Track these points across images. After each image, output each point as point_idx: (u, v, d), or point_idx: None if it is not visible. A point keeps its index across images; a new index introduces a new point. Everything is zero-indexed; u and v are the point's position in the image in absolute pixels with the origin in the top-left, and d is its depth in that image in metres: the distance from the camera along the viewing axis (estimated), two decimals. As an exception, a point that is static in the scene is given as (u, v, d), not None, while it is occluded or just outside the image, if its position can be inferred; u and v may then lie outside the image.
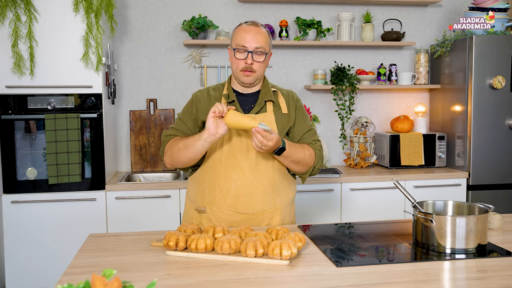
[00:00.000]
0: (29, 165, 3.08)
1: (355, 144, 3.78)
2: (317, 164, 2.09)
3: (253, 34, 1.98)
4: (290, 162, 2.00)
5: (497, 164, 3.54)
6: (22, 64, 2.98)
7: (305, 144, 2.07)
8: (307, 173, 2.10)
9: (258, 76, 2.02)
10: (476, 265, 1.58)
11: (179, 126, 2.10)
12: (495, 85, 3.47)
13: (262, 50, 1.98)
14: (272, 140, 1.84)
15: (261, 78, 2.07)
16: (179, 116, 2.13)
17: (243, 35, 1.99)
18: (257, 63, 1.99)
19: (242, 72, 1.99)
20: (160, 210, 3.16)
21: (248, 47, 1.97)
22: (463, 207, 1.88)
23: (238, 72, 2.01)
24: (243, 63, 1.98)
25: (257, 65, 1.99)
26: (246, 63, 1.97)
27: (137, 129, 3.65)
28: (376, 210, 3.38)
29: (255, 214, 2.02)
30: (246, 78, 2.00)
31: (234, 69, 2.03)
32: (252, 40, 1.97)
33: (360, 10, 3.91)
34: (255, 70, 1.99)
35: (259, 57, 1.99)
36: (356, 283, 1.42)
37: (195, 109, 2.09)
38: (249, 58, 1.97)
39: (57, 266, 3.04)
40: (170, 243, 1.65)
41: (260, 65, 2.00)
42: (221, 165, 2.01)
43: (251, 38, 1.97)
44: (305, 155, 2.01)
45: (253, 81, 2.02)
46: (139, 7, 3.67)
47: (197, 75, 3.75)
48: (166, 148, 2.07)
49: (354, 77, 3.76)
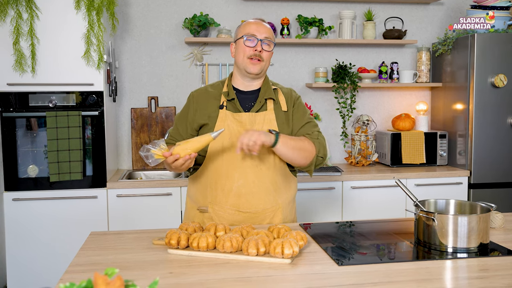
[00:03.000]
0: (30, 162, 3.08)
1: (357, 142, 3.78)
2: (319, 152, 2.04)
3: (262, 26, 2.06)
4: (291, 151, 1.95)
5: (499, 163, 3.54)
6: (23, 61, 2.98)
7: (300, 136, 2.06)
8: (312, 165, 2.04)
9: (264, 67, 2.05)
10: (478, 264, 1.58)
11: (174, 133, 2.13)
12: (497, 83, 3.46)
13: (270, 39, 2.04)
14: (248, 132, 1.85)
15: (265, 71, 2.08)
16: (175, 120, 2.16)
17: (252, 25, 2.05)
18: (266, 52, 2.03)
19: (249, 60, 2.01)
20: (161, 208, 3.16)
21: (258, 35, 2.02)
22: (465, 206, 1.88)
23: (246, 60, 2.01)
24: (252, 51, 2.01)
25: (266, 54, 2.03)
26: (255, 51, 2.00)
27: (138, 126, 3.65)
28: (377, 209, 3.38)
29: (257, 213, 2.02)
30: (253, 67, 2.01)
31: (241, 59, 2.03)
32: (262, 30, 2.04)
33: (362, 8, 3.90)
34: (263, 59, 2.02)
35: (268, 47, 2.04)
36: (358, 282, 1.42)
37: (193, 111, 2.08)
38: (259, 45, 2.01)
39: (58, 264, 3.04)
40: (172, 242, 1.65)
41: (268, 55, 2.04)
42: (222, 164, 2.01)
43: (261, 28, 2.04)
44: (303, 142, 2.01)
45: (259, 71, 2.02)
46: (141, 5, 3.66)
47: (198, 73, 3.75)
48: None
49: (355, 75, 3.75)
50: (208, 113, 2.05)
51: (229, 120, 2.01)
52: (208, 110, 2.05)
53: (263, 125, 2.02)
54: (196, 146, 1.87)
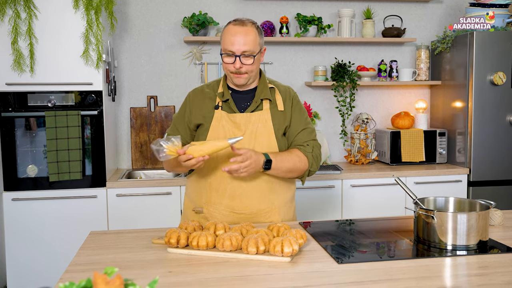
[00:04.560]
0: (29, 162, 3.08)
1: (356, 141, 3.78)
2: (312, 167, 2.06)
3: (240, 36, 1.92)
4: (283, 173, 1.99)
5: (498, 160, 3.54)
6: (22, 61, 2.98)
7: (294, 150, 2.04)
8: (304, 177, 2.09)
9: (250, 77, 2.00)
10: (477, 261, 1.58)
11: (173, 132, 2.11)
12: (496, 81, 3.46)
13: (249, 52, 1.93)
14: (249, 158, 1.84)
15: (255, 76, 2.03)
16: (174, 119, 2.15)
17: (230, 38, 1.93)
18: (246, 66, 1.95)
19: (233, 74, 1.98)
20: (161, 207, 3.16)
21: (235, 51, 1.92)
22: (464, 203, 1.88)
23: (229, 74, 1.99)
24: (232, 67, 1.95)
25: (246, 68, 1.95)
26: (234, 67, 1.94)
27: (137, 126, 3.65)
28: (377, 207, 3.38)
29: (252, 214, 2.02)
30: (237, 80, 1.98)
31: (226, 71, 2.01)
32: (239, 43, 1.91)
33: (361, 6, 3.90)
34: (246, 72, 1.96)
35: (247, 60, 1.94)
36: (358, 280, 1.42)
37: (189, 111, 2.08)
38: (237, 62, 1.93)
39: (58, 264, 3.04)
40: (172, 241, 1.65)
41: (249, 67, 1.95)
42: (216, 165, 2.00)
43: (238, 41, 1.91)
44: (295, 163, 1.99)
45: (245, 82, 2.00)
46: (139, 4, 3.66)
47: (198, 72, 3.75)
48: None
49: (354, 74, 3.75)
50: (203, 114, 2.04)
51: (224, 120, 2.00)
52: (203, 111, 2.04)
53: (258, 125, 2.00)
54: (211, 149, 1.84)
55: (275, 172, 1.97)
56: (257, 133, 2.00)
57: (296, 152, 2.03)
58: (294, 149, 2.04)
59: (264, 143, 2.00)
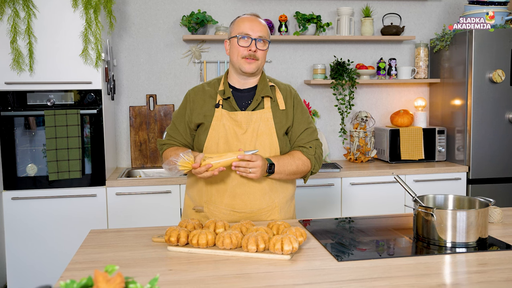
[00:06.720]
0: (29, 161, 3.08)
1: (355, 139, 3.78)
2: (314, 169, 2.10)
3: (256, 23, 2.01)
4: (286, 176, 2.02)
5: (497, 158, 3.55)
6: (21, 60, 2.98)
7: (296, 152, 2.05)
8: (306, 177, 2.13)
9: (260, 66, 2.02)
10: (476, 258, 1.58)
11: (173, 132, 2.11)
12: (495, 79, 3.47)
13: (265, 38, 2.00)
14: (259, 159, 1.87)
15: (261, 69, 2.06)
16: (173, 118, 2.14)
17: (246, 23, 2.00)
18: (260, 51, 2.00)
19: (244, 60, 1.98)
20: (160, 205, 3.16)
21: (252, 34, 1.98)
22: (464, 201, 1.89)
23: (240, 60, 1.99)
24: (247, 51, 1.98)
25: (260, 53, 2.00)
26: (249, 50, 1.98)
27: (137, 125, 3.65)
28: (376, 205, 3.39)
29: (253, 213, 2.02)
30: (248, 66, 1.99)
31: (235, 58, 2.01)
32: (256, 28, 1.99)
33: (360, 5, 3.90)
34: (258, 58, 2.00)
35: (262, 45, 2.01)
36: (357, 277, 1.42)
37: (189, 111, 2.08)
38: (253, 45, 1.98)
39: (58, 262, 3.04)
40: (172, 239, 1.65)
41: (262, 54, 2.01)
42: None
43: (255, 26, 1.99)
44: (298, 166, 2.02)
45: (255, 69, 2.01)
46: (138, 3, 3.66)
47: (197, 71, 3.75)
48: (163, 157, 2.10)
49: (353, 72, 3.75)
50: (203, 112, 2.04)
51: (225, 119, 2.00)
52: (204, 109, 2.04)
53: (260, 124, 2.00)
54: (228, 163, 1.87)
55: (279, 176, 1.99)
56: (259, 131, 2.00)
57: (299, 155, 2.04)
58: (297, 152, 2.06)
59: (266, 142, 2.00)
